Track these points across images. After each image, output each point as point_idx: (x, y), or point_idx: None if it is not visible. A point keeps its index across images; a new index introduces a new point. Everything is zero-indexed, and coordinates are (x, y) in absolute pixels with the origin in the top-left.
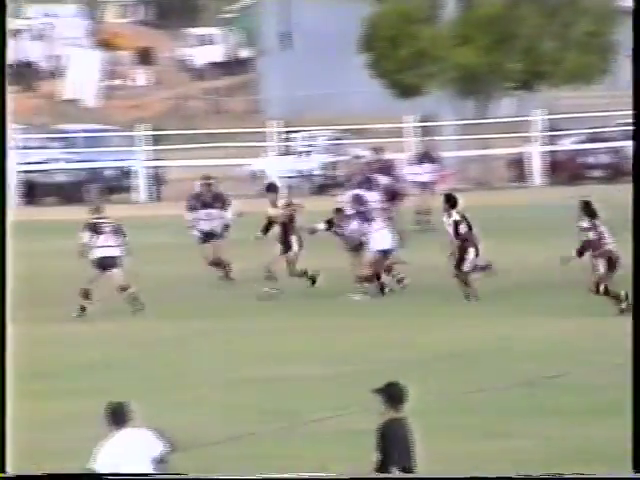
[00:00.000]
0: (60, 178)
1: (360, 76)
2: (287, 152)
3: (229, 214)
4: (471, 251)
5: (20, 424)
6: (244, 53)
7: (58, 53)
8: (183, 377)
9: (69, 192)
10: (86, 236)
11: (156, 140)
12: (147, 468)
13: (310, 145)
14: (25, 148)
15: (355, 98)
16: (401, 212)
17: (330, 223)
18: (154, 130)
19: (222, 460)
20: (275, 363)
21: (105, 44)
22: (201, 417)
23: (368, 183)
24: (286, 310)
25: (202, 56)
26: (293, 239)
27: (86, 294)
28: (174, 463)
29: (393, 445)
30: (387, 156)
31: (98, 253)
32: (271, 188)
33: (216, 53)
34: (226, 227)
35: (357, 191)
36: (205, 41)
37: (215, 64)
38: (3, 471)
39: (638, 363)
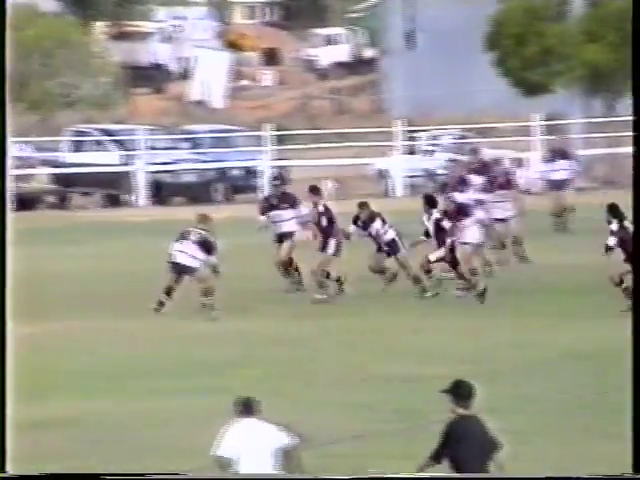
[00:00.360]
0: (187, 178)
1: (485, 75)
2: (412, 151)
3: (302, 212)
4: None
5: (149, 421)
6: (369, 53)
7: (187, 55)
8: (308, 375)
9: (196, 192)
10: (175, 241)
11: (281, 140)
12: (269, 460)
13: (435, 144)
14: (153, 149)
15: (480, 97)
16: (536, 212)
17: (356, 220)
18: (279, 130)
19: (344, 459)
20: (400, 362)
21: (232, 45)
22: (326, 415)
23: (463, 184)
24: (410, 310)
25: (327, 56)
26: (332, 242)
27: (169, 291)
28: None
29: (461, 442)
30: (485, 156)
31: (174, 258)
32: (314, 190)
33: (341, 53)
34: (303, 225)
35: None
36: (330, 41)
37: (340, 64)
38: (3, 471)
39: (638, 364)
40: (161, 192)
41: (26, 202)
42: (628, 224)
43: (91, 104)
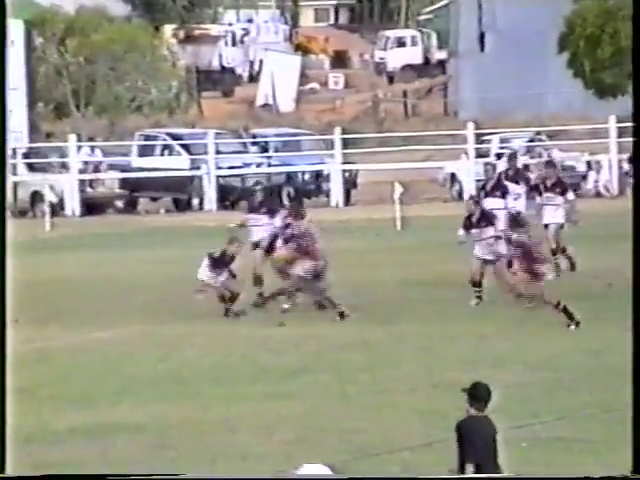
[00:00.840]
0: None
1: (558, 76)
2: (482, 155)
3: (277, 222)
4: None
5: (218, 426)
6: (439, 55)
7: (255, 58)
8: (379, 381)
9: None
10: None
11: (350, 143)
12: None
13: (505, 147)
14: (221, 153)
15: (552, 99)
16: (613, 215)
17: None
18: (348, 133)
19: (417, 466)
20: (474, 368)
21: (301, 48)
22: (395, 421)
23: (499, 189)
24: (482, 316)
25: (397, 58)
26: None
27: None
28: (369, 466)
29: (468, 442)
30: (520, 163)
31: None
32: (293, 203)
33: (411, 55)
34: (274, 236)
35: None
36: (400, 43)
37: (410, 66)
38: (3, 472)
39: (638, 364)
40: (229, 196)
41: (94, 206)
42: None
43: (159, 108)
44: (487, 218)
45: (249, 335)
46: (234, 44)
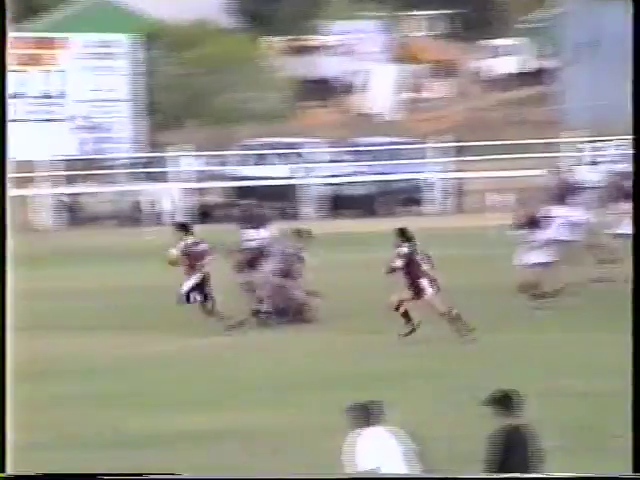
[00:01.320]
0: (357, 191)
1: None
2: (586, 163)
3: (264, 234)
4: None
5: (317, 433)
6: (543, 63)
7: (357, 68)
8: (482, 388)
9: (367, 204)
10: None
11: (453, 152)
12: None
13: (603, 155)
14: (328, 162)
15: None
16: None
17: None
18: (452, 142)
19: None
20: (568, 377)
21: (404, 58)
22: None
23: (562, 198)
24: (575, 324)
25: (501, 67)
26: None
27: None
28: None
29: (507, 452)
30: (568, 177)
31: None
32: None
33: (515, 64)
34: (263, 248)
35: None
36: (504, 52)
37: (514, 75)
38: (3, 471)
39: (638, 365)
40: (332, 205)
41: (202, 215)
42: (416, 249)
43: (263, 118)
44: (536, 224)
45: (352, 342)
46: (335, 54)
